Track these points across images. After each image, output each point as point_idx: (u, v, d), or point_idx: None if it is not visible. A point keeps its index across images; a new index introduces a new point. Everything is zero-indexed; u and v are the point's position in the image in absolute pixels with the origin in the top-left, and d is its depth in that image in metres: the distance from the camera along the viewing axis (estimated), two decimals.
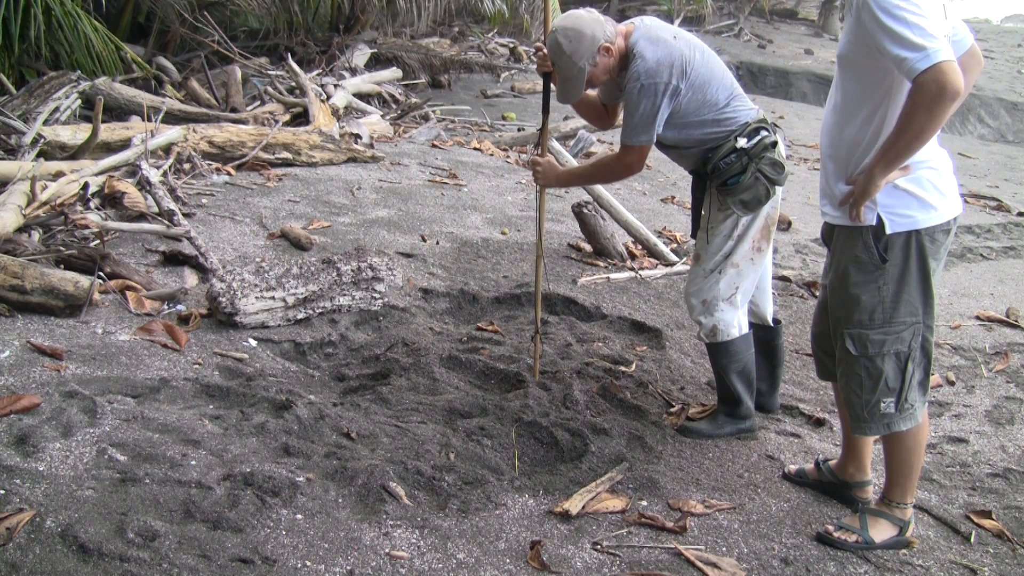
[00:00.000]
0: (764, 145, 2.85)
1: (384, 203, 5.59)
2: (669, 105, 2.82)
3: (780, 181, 2.88)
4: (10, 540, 2.02)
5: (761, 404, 3.34)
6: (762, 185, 2.85)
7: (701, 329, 3.10)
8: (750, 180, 2.84)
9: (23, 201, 3.99)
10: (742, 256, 2.98)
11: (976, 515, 2.79)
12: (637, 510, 2.61)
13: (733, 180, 2.86)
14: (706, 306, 3.04)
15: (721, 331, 3.04)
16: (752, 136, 2.86)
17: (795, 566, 2.45)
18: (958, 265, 5.99)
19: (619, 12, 20.29)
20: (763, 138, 2.86)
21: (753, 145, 2.85)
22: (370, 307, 3.93)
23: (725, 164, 2.86)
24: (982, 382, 3.98)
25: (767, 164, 2.85)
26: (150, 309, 3.55)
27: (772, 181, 2.86)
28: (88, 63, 6.67)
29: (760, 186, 2.85)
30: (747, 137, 2.85)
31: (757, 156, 2.84)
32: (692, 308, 3.10)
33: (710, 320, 3.04)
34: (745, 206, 2.89)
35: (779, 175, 2.87)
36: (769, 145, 2.86)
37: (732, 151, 2.85)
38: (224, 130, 5.89)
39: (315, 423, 2.83)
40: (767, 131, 2.89)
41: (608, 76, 2.91)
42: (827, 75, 17.54)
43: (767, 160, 2.85)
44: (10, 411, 2.55)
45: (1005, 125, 16.09)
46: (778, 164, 2.87)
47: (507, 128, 9.55)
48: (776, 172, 2.86)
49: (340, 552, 2.21)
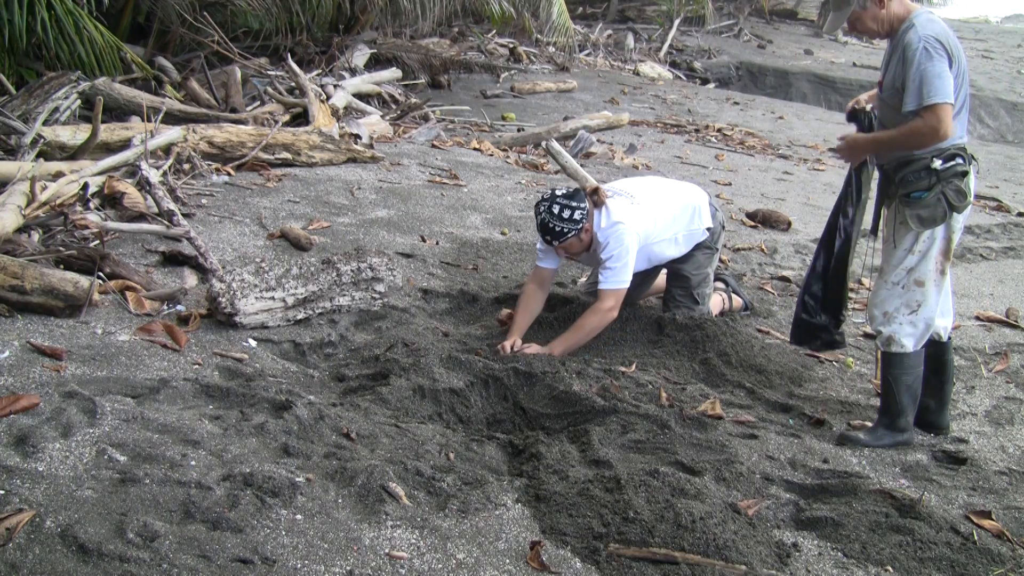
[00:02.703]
0: (955, 172, 3.03)
1: (384, 203, 5.59)
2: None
3: (959, 209, 3.06)
4: (10, 540, 2.02)
5: (930, 421, 3.39)
6: (942, 207, 3.03)
7: (879, 338, 3.24)
8: (932, 199, 3.03)
9: (23, 201, 3.99)
10: (926, 274, 3.13)
11: (976, 515, 2.79)
12: None
13: (917, 195, 3.06)
14: (887, 317, 3.19)
15: (896, 342, 3.17)
16: (948, 160, 3.04)
17: (794, 566, 2.45)
18: (958, 265, 5.98)
19: (619, 12, 20.33)
20: (956, 165, 3.04)
21: (945, 169, 3.03)
22: (370, 307, 3.93)
23: (914, 177, 3.05)
24: (982, 382, 3.98)
25: (952, 190, 3.03)
26: (150, 309, 3.55)
27: (952, 207, 3.04)
28: (89, 63, 6.66)
29: (940, 207, 3.03)
30: (943, 160, 3.03)
31: (946, 180, 3.02)
32: (873, 318, 3.25)
33: (888, 330, 3.19)
34: (920, 221, 3.06)
35: (960, 202, 3.04)
36: (960, 173, 3.03)
37: (925, 168, 3.04)
38: (224, 130, 5.89)
39: (315, 423, 2.83)
40: (963, 160, 3.05)
41: (875, 25, 3.09)
42: (826, 75, 17.55)
43: (953, 186, 3.03)
44: (10, 411, 2.55)
45: (1005, 125, 16.10)
46: (962, 193, 3.04)
47: (507, 128, 9.54)
48: (958, 199, 3.03)
49: (340, 552, 2.21)
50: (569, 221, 3.66)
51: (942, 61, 2.91)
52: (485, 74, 12.96)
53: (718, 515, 2.51)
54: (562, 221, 3.65)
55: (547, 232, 3.70)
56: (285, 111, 7.44)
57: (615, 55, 16.91)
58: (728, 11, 22.11)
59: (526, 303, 3.84)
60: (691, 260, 4.10)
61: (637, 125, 10.62)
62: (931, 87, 2.91)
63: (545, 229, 3.70)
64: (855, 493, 2.83)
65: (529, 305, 3.83)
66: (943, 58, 2.92)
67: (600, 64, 15.88)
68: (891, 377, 3.21)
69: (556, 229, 3.67)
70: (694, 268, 4.10)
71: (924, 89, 2.92)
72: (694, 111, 12.74)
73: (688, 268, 4.10)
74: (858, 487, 2.86)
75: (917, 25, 2.99)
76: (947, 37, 2.97)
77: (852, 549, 2.56)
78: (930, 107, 2.93)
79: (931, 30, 2.96)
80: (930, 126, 2.95)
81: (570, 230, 3.67)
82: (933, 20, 3.03)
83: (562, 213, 3.65)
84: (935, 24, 3.01)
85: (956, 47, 2.99)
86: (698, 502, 2.57)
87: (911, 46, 2.96)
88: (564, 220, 3.65)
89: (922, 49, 2.92)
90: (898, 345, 3.17)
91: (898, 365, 3.19)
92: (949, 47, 2.95)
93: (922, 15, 3.04)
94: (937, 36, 2.95)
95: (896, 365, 3.19)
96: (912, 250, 3.12)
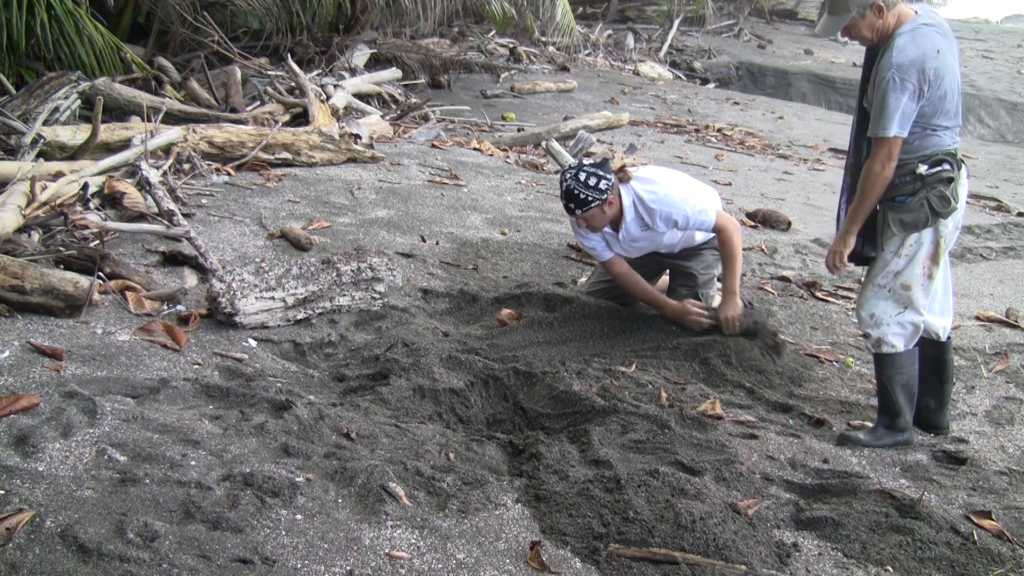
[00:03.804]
0: (941, 177, 3.02)
1: (384, 203, 5.59)
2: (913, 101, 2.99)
3: (943, 214, 3.05)
4: (10, 540, 2.02)
5: (929, 421, 3.39)
6: (924, 212, 3.04)
7: (868, 340, 3.25)
8: (916, 204, 3.04)
9: (23, 201, 3.99)
10: (912, 278, 3.13)
11: (976, 515, 2.79)
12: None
13: (901, 199, 3.07)
14: (874, 320, 3.20)
15: (886, 343, 3.18)
16: (934, 166, 3.03)
17: (794, 566, 2.45)
18: (958, 265, 5.98)
19: (619, 12, 20.33)
20: (942, 171, 3.03)
21: (931, 174, 3.02)
22: (370, 307, 3.93)
23: (900, 181, 3.06)
24: (982, 382, 3.98)
25: (936, 195, 3.03)
26: (150, 309, 3.55)
27: (936, 212, 3.04)
28: (89, 63, 6.66)
29: (922, 212, 3.04)
30: (928, 165, 3.03)
31: (931, 185, 3.02)
32: (862, 320, 3.26)
33: (876, 332, 3.19)
34: (903, 225, 3.08)
35: (944, 208, 3.04)
36: (945, 179, 3.03)
37: (911, 173, 3.04)
38: (224, 130, 5.89)
39: (315, 423, 2.83)
40: (950, 166, 3.04)
41: (869, 34, 3.06)
42: (826, 75, 17.56)
43: (937, 192, 3.03)
44: (10, 411, 2.55)
45: (1005, 125, 16.10)
46: (947, 199, 3.04)
47: (507, 128, 9.54)
48: (942, 205, 3.03)
49: (340, 552, 2.21)
50: (595, 189, 3.61)
51: (904, 93, 2.91)
52: (485, 74, 12.97)
53: (718, 515, 2.51)
54: (587, 188, 3.60)
55: (571, 199, 3.64)
56: (285, 111, 7.44)
57: (615, 55, 16.92)
58: (728, 11, 22.11)
59: (635, 277, 3.92)
60: (700, 259, 4.09)
61: (637, 125, 10.62)
62: (886, 120, 2.94)
63: (569, 196, 3.64)
64: (855, 493, 2.83)
65: (636, 279, 3.92)
66: (907, 89, 2.91)
67: (600, 64, 15.89)
68: (885, 378, 3.22)
69: (580, 196, 3.61)
70: (702, 267, 4.09)
71: (880, 120, 2.96)
72: (694, 111, 12.74)
73: (696, 267, 4.09)
74: (858, 487, 2.86)
75: (895, 47, 2.96)
76: (924, 61, 2.92)
77: (852, 549, 2.56)
78: (881, 140, 2.97)
79: (907, 55, 2.93)
80: (879, 159, 3.00)
81: (595, 199, 3.62)
82: (915, 40, 2.96)
83: (588, 180, 3.61)
84: (913, 46, 2.95)
85: (939, 67, 2.94)
86: (698, 502, 2.57)
87: (882, 71, 2.96)
88: (590, 188, 3.60)
89: (890, 79, 2.93)
90: (888, 346, 3.19)
91: (890, 366, 3.20)
92: (925, 71, 2.92)
93: (903, 35, 2.98)
94: (913, 61, 2.92)
95: (888, 366, 3.21)
96: (899, 253, 3.13)
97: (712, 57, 18.22)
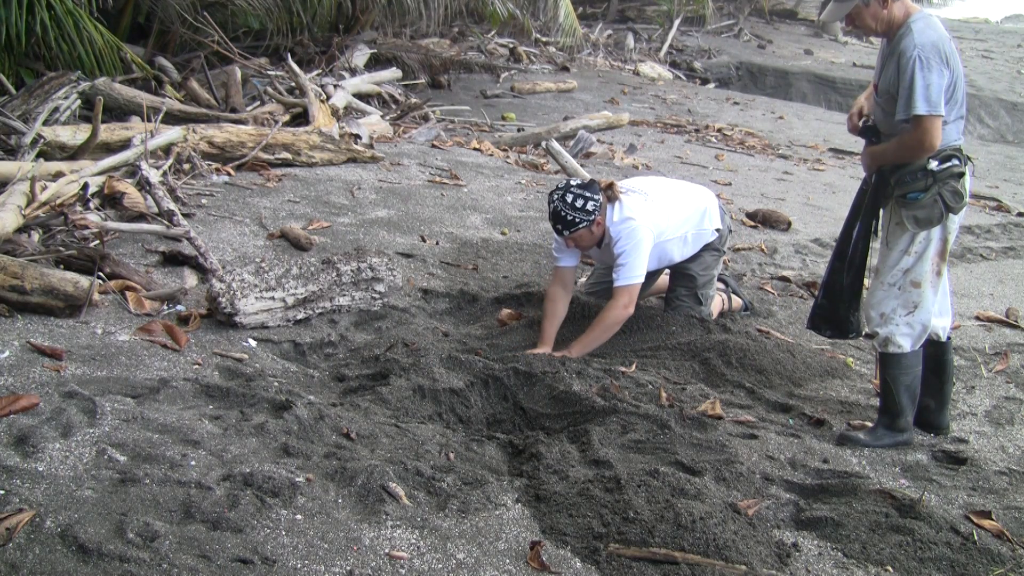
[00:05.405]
0: (952, 173, 3.03)
1: (384, 203, 5.59)
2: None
3: (956, 210, 3.06)
4: (10, 540, 2.02)
5: (929, 421, 3.38)
6: (938, 208, 3.04)
7: (876, 339, 3.24)
8: (929, 200, 3.04)
9: (23, 201, 3.98)
10: (922, 275, 3.12)
11: (976, 515, 2.79)
12: None
13: (913, 196, 3.06)
14: (884, 319, 3.19)
15: (893, 343, 3.17)
16: (944, 161, 3.04)
17: (794, 566, 2.45)
18: (958, 265, 5.98)
19: (619, 12, 20.33)
20: (952, 166, 3.04)
21: (942, 170, 3.03)
22: (370, 307, 3.93)
23: (911, 178, 3.06)
24: (982, 382, 3.98)
25: (948, 191, 3.04)
26: (150, 309, 3.55)
27: (948, 207, 3.05)
28: (89, 63, 6.66)
29: (936, 208, 3.04)
30: (939, 161, 3.03)
31: (942, 181, 3.03)
32: (870, 320, 3.24)
33: (885, 331, 3.19)
34: (917, 222, 3.08)
35: (957, 203, 3.05)
36: (956, 174, 3.04)
37: (921, 169, 3.04)
38: (224, 130, 5.89)
39: (315, 423, 2.83)
40: (959, 161, 3.05)
41: (874, 24, 3.06)
42: (826, 75, 17.55)
43: (950, 187, 3.04)
44: (10, 411, 2.55)
45: (1005, 125, 16.09)
46: (959, 194, 3.05)
47: (507, 128, 9.54)
48: (955, 200, 3.05)
49: (340, 552, 2.21)
50: (582, 211, 3.63)
51: (933, 72, 2.92)
52: (485, 74, 12.97)
53: (718, 515, 2.51)
54: (575, 210, 3.63)
55: (559, 221, 3.67)
56: (285, 111, 7.44)
57: (615, 55, 16.91)
58: (728, 11, 22.10)
59: (552, 309, 3.79)
60: (699, 260, 4.09)
61: (637, 125, 10.62)
62: (920, 99, 2.93)
63: (557, 218, 3.67)
64: (855, 493, 2.83)
65: (556, 311, 3.80)
66: (936, 68, 2.92)
67: (600, 64, 15.88)
68: (889, 377, 3.22)
69: (568, 218, 3.64)
70: (701, 269, 4.10)
71: (914, 100, 2.94)
72: (694, 111, 12.74)
73: (695, 268, 4.10)
74: (858, 487, 2.86)
75: (914, 32, 2.98)
76: (943, 43, 2.97)
77: (852, 549, 2.56)
78: (919, 118, 2.95)
79: (927, 38, 2.96)
80: (917, 138, 2.98)
81: (582, 220, 3.64)
82: (930, 25, 3.01)
83: (575, 202, 3.63)
84: (931, 30, 2.99)
85: (952, 53, 2.99)
86: (698, 502, 2.57)
87: (905, 54, 2.96)
88: (577, 209, 3.63)
89: (916, 58, 2.93)
90: (895, 346, 3.18)
91: (896, 365, 3.20)
92: (944, 54, 2.95)
93: (919, 21, 3.02)
94: (934, 43, 2.95)
95: (894, 365, 3.20)
96: (908, 251, 3.13)
97: (712, 57, 18.22)
